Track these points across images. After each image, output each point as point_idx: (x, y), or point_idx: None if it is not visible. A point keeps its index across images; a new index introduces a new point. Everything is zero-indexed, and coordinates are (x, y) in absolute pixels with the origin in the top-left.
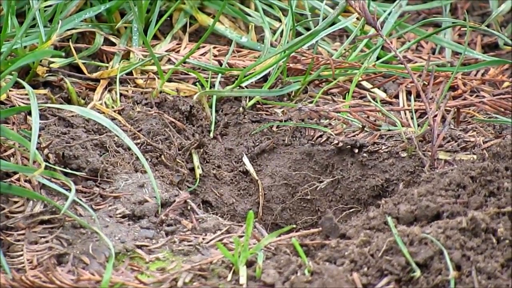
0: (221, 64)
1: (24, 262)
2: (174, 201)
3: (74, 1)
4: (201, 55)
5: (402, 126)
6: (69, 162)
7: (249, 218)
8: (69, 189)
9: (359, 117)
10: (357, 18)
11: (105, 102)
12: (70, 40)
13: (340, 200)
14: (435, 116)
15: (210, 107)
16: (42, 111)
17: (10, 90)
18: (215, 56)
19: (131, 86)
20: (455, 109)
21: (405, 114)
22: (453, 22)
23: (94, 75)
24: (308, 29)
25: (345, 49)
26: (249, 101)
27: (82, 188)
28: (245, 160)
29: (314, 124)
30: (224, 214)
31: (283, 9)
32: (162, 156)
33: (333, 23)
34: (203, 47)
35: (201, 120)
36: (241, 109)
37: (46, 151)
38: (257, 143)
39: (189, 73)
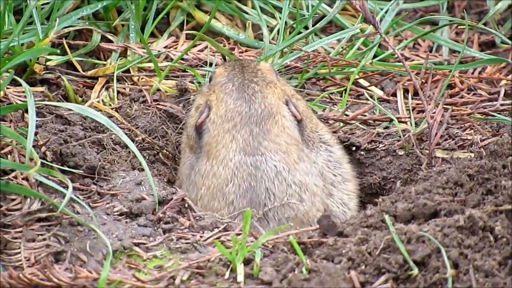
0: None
1: (22, 260)
2: (172, 198)
3: None
4: (199, 51)
5: (400, 124)
6: (66, 159)
7: (247, 216)
8: (67, 187)
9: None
10: (353, 15)
11: (102, 100)
12: (67, 37)
13: None
14: (433, 114)
15: None
16: (39, 108)
17: (7, 88)
18: (213, 53)
19: (128, 84)
20: (453, 108)
21: (403, 112)
22: (450, 20)
23: (89, 72)
24: (306, 27)
25: (342, 47)
26: None
27: (80, 186)
28: None
29: None
30: None
31: (279, 7)
32: (160, 154)
33: (330, 21)
34: (200, 44)
35: None
36: None
37: (43, 148)
38: None
39: (186, 70)
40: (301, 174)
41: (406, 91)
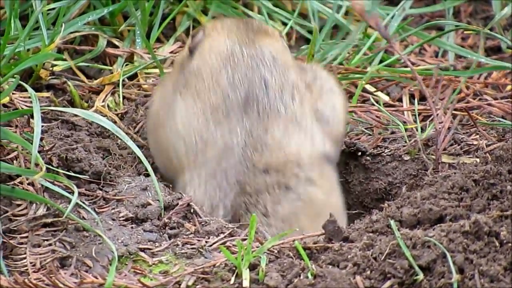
0: None
1: (27, 265)
2: (177, 204)
3: (77, 4)
4: None
5: (406, 130)
6: (72, 165)
7: (252, 221)
8: (72, 192)
9: (366, 116)
10: (358, 20)
11: (108, 105)
12: (73, 43)
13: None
14: (441, 121)
15: None
16: (45, 114)
17: (13, 93)
18: None
19: (134, 89)
20: (462, 115)
21: (409, 117)
22: (456, 25)
23: (96, 82)
24: (310, 31)
25: (348, 52)
26: None
27: (85, 191)
28: None
29: None
30: None
31: (285, 13)
32: None
33: (335, 25)
34: None
35: None
36: None
37: (49, 154)
38: None
39: None
40: (294, 75)
41: (412, 96)
